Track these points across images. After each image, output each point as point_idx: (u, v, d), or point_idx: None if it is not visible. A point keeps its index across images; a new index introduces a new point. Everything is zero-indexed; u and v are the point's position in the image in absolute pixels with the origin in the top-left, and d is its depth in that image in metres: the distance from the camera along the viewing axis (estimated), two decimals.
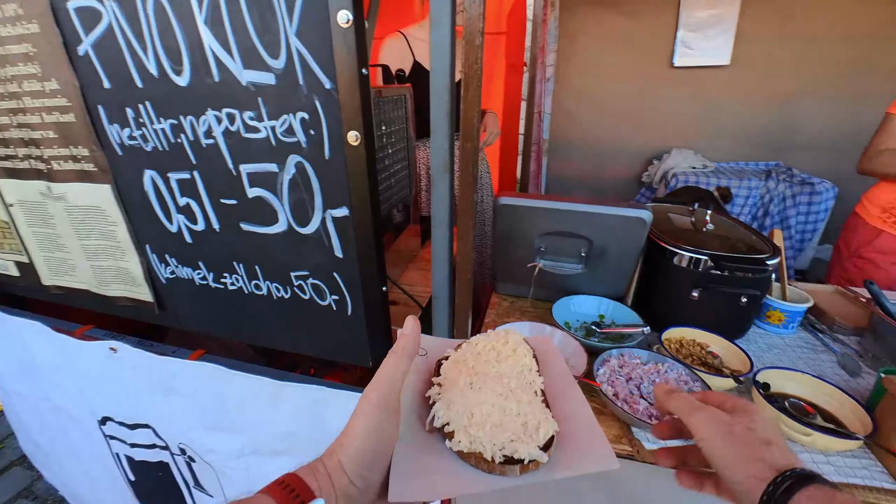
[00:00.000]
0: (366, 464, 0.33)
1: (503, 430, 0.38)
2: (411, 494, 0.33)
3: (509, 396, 0.41)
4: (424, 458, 0.37)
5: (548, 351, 0.48)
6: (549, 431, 0.38)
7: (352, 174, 0.71)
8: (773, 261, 0.92)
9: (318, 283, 0.83)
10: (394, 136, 1.12)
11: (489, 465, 0.36)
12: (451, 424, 0.39)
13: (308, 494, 0.29)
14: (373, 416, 0.34)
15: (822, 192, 1.96)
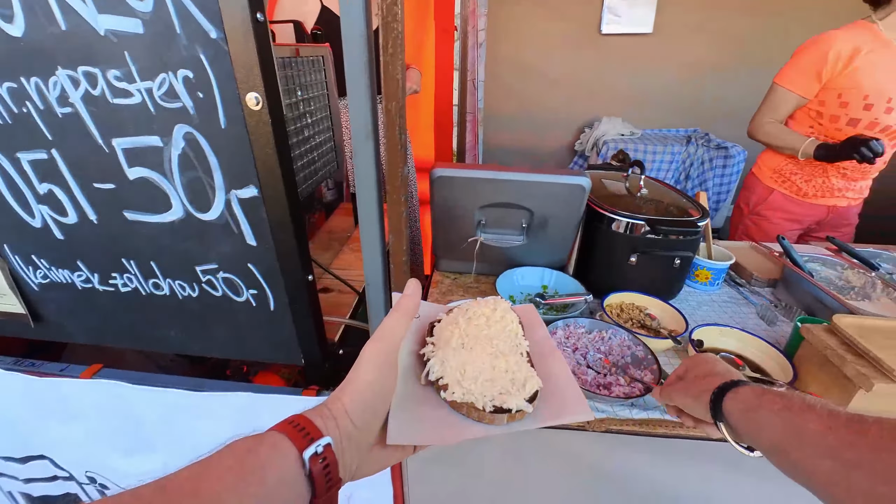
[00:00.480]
0: (367, 410, 0.35)
1: (493, 385, 0.42)
2: (407, 438, 0.37)
3: (498, 356, 0.45)
4: (420, 407, 0.41)
5: (531, 318, 0.54)
6: (534, 386, 0.43)
7: (257, 146, 0.60)
8: (704, 222, 0.94)
9: (231, 276, 0.71)
10: (313, 102, 0.99)
11: (480, 414, 0.40)
12: (445, 378, 0.42)
13: (317, 433, 0.31)
14: (375, 367, 0.37)
15: (734, 155, 2.11)
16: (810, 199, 1.48)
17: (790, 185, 1.49)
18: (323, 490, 0.31)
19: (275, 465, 0.29)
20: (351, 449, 0.34)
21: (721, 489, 0.79)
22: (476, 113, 2.05)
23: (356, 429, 0.34)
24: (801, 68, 1.35)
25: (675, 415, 0.58)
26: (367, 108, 0.53)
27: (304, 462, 0.30)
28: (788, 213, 1.52)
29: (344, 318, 0.91)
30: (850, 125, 1.34)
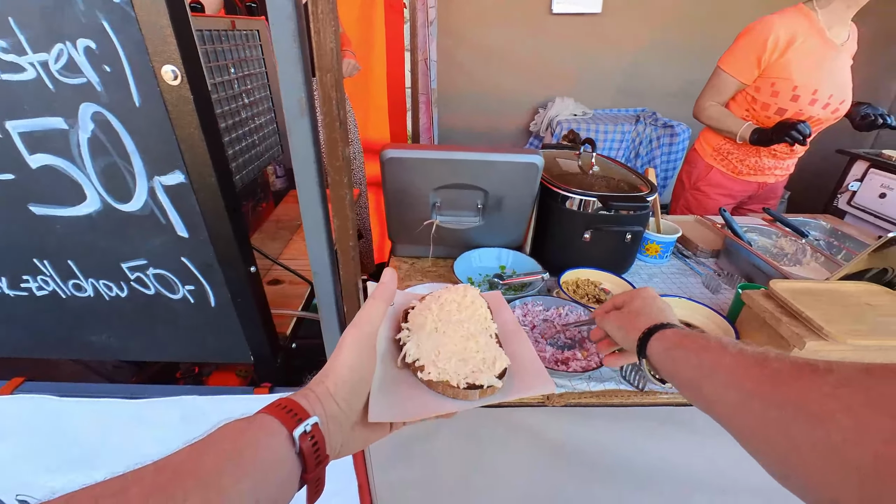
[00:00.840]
0: (350, 391, 0.37)
1: (466, 364, 0.45)
2: (388, 416, 0.40)
3: (469, 338, 0.48)
4: (398, 388, 0.44)
5: (498, 303, 0.58)
6: (503, 364, 0.47)
7: (179, 126, 0.54)
8: (652, 197, 0.96)
9: (163, 272, 0.66)
10: (250, 81, 0.92)
11: (454, 391, 0.43)
12: (421, 360, 0.45)
13: (304, 413, 0.33)
14: (355, 351, 0.39)
15: (679, 133, 2.20)
16: (744, 177, 1.57)
17: (727, 163, 1.56)
18: (313, 466, 0.32)
19: (267, 444, 0.31)
20: (336, 428, 0.36)
21: (676, 449, 0.83)
22: (430, 94, 2.00)
23: (340, 409, 0.36)
24: (742, 53, 1.39)
25: (596, 339, 0.66)
26: (300, 82, 0.48)
27: (294, 440, 0.32)
28: (725, 189, 1.60)
29: (296, 310, 0.86)
30: (777, 114, 1.41)
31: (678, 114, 2.42)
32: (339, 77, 0.48)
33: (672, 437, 0.81)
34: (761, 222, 1.27)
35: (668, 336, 0.48)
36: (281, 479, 0.31)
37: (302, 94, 0.50)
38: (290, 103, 0.50)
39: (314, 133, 0.52)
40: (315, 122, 0.52)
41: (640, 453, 0.83)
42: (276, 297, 0.90)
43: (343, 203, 0.54)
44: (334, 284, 0.60)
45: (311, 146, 0.51)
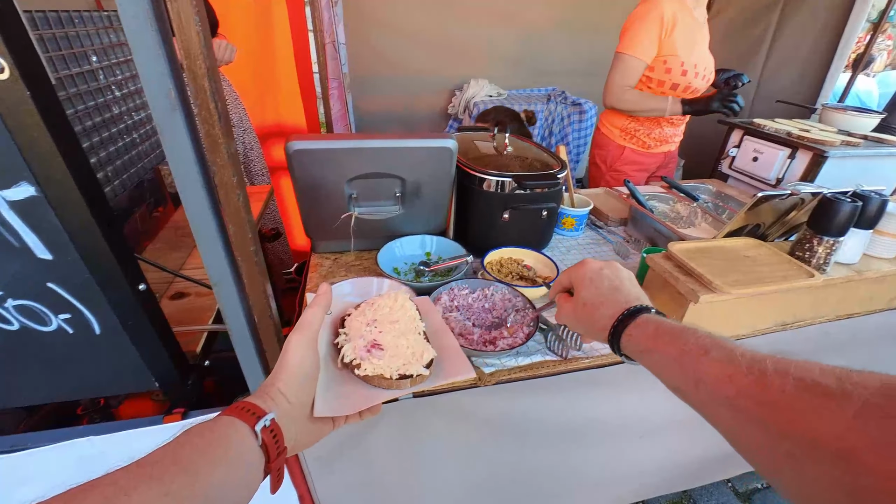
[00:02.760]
0: (298, 388, 0.42)
1: (398, 358, 0.52)
2: (330, 410, 0.44)
3: (401, 336, 0.55)
4: (339, 385, 0.49)
5: (427, 307, 0.66)
6: (429, 356, 0.54)
7: (16, 129, 0.45)
8: (563, 174, 1.00)
9: (27, 303, 0.56)
10: (120, 71, 0.80)
11: (388, 382, 0.50)
12: (357, 359, 0.51)
13: (261, 411, 0.37)
14: (300, 353, 0.43)
15: (587, 110, 2.32)
16: (653, 150, 1.70)
17: (637, 140, 1.68)
18: (275, 456, 0.37)
19: (233, 438, 0.35)
20: (289, 423, 0.40)
21: (602, 405, 0.89)
22: (341, 78, 1.91)
23: (291, 405, 0.41)
24: (644, 34, 1.45)
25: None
26: (164, 72, 0.42)
27: (257, 434, 0.36)
28: (639, 165, 1.73)
29: (206, 323, 0.79)
30: (672, 89, 1.53)
31: (585, 91, 2.56)
32: (211, 64, 0.43)
33: (597, 395, 0.87)
34: (660, 190, 1.39)
35: (637, 337, 0.44)
36: (249, 469, 0.35)
37: (170, 86, 0.44)
38: (157, 98, 0.44)
39: (192, 130, 0.46)
40: (192, 116, 0.46)
41: (572, 415, 0.89)
42: (182, 312, 0.82)
43: (236, 206, 0.49)
44: (239, 294, 0.55)
45: (190, 144, 0.46)
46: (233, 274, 0.53)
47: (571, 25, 2.69)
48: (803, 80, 2.33)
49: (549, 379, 0.80)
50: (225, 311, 0.56)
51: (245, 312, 0.57)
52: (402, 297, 0.61)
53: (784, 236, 1.08)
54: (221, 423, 0.35)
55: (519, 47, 2.71)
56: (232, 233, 0.50)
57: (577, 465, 1.01)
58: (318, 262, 1.02)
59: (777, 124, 1.56)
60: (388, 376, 0.50)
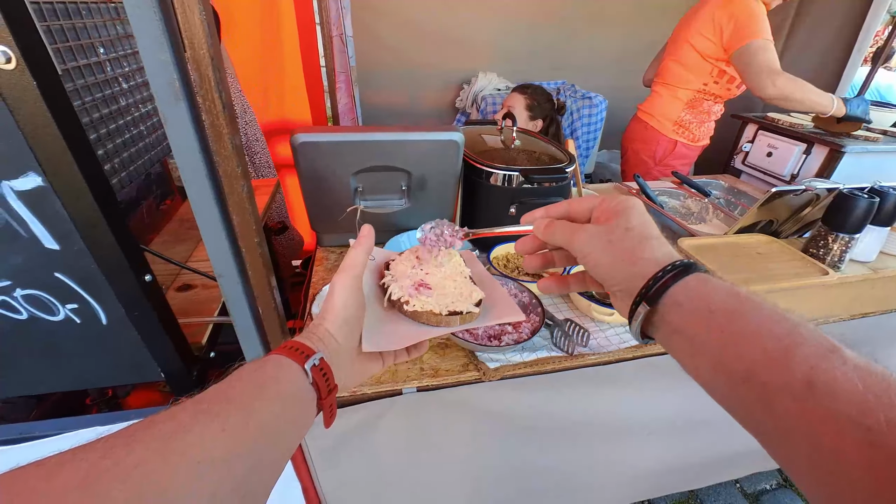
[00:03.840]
0: (346, 327, 0.41)
1: (445, 296, 0.50)
2: (379, 345, 0.44)
3: (447, 277, 0.53)
4: (385, 322, 0.48)
5: (470, 258, 0.62)
6: (478, 296, 0.52)
7: (25, 120, 0.45)
8: (571, 168, 0.99)
9: (35, 293, 0.56)
10: (127, 62, 0.80)
11: (437, 318, 0.48)
12: (405, 296, 0.49)
13: (310, 350, 0.37)
14: (345, 293, 0.42)
15: (597, 104, 2.29)
16: (698, 143, 1.67)
17: (688, 134, 1.63)
18: (325, 393, 0.37)
19: (284, 377, 0.35)
20: (338, 362, 0.40)
21: (606, 402, 0.88)
22: (349, 72, 1.90)
23: (339, 345, 0.40)
24: (763, 17, 1.35)
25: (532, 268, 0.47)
26: (168, 61, 0.42)
27: (307, 372, 0.36)
28: (687, 159, 1.70)
29: (211, 315, 0.79)
30: (738, 87, 1.49)
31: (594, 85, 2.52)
32: (215, 54, 0.42)
33: (603, 392, 0.86)
34: (671, 185, 1.37)
35: (680, 305, 0.32)
36: (302, 404, 0.35)
37: (174, 76, 0.44)
38: (161, 88, 0.43)
39: (196, 120, 0.46)
40: (196, 107, 0.46)
41: (577, 411, 0.88)
42: (188, 303, 0.82)
43: (240, 197, 0.49)
44: (243, 285, 0.55)
45: (194, 135, 0.45)
46: (237, 265, 0.53)
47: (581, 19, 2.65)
48: (821, 73, 2.27)
49: (554, 375, 0.79)
50: (229, 302, 0.56)
51: (249, 304, 0.57)
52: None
53: (798, 233, 1.06)
54: (271, 362, 0.35)
55: (528, 41, 2.68)
56: (236, 223, 0.50)
57: (583, 461, 1.00)
58: (324, 256, 1.02)
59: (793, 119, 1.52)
60: (438, 311, 0.48)
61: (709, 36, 1.42)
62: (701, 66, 1.50)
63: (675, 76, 1.59)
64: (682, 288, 0.32)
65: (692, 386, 0.32)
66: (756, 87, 1.36)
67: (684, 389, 0.90)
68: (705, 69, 1.50)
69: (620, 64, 2.75)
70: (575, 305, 0.90)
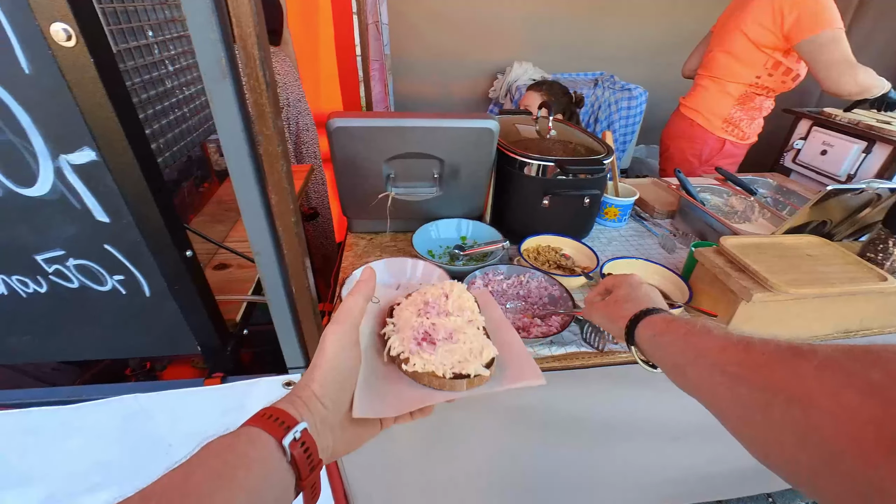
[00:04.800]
0: (336, 390, 0.37)
1: (452, 354, 0.44)
2: (372, 411, 0.38)
3: (457, 330, 0.47)
4: (383, 383, 0.43)
5: (486, 300, 0.57)
6: (490, 354, 0.45)
7: (81, 95, 0.47)
8: (609, 159, 0.96)
9: (86, 263, 0.59)
10: (174, 46, 0.83)
11: (440, 382, 0.42)
12: (405, 353, 0.44)
13: (291, 420, 0.32)
14: (337, 349, 0.38)
15: (637, 96, 2.21)
16: (746, 140, 1.58)
17: (738, 131, 1.54)
18: (307, 473, 0.32)
19: (257, 456, 0.30)
20: (325, 430, 0.35)
21: (634, 404, 0.86)
22: (383, 60, 1.90)
23: (327, 410, 0.36)
24: (832, 5, 1.24)
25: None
26: (217, 39, 0.43)
27: (285, 449, 0.31)
28: (734, 158, 1.60)
29: (246, 294, 0.81)
30: (794, 80, 1.39)
31: (633, 76, 2.43)
32: (261, 32, 0.43)
33: (631, 392, 0.84)
34: (713, 182, 1.30)
35: (654, 322, 0.48)
36: (275, 491, 0.30)
37: (222, 55, 0.44)
38: (208, 65, 0.44)
39: (240, 99, 0.47)
40: (241, 85, 0.47)
41: (603, 410, 0.86)
42: (224, 281, 0.85)
43: (279, 176, 0.49)
44: (279, 265, 0.56)
45: (238, 113, 0.46)
46: (274, 244, 0.54)
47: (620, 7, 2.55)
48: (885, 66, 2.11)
49: (582, 371, 0.77)
50: (265, 280, 0.57)
51: (284, 283, 0.58)
52: (460, 287, 0.54)
53: (853, 236, 0.99)
54: (243, 437, 0.31)
55: (565, 30, 2.61)
56: (274, 202, 0.51)
57: (605, 462, 0.98)
58: (354, 242, 1.03)
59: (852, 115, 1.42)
60: (441, 374, 0.42)
61: (766, 24, 1.33)
62: (754, 56, 1.41)
63: (724, 68, 1.50)
64: (643, 324, 0.50)
65: None
66: (828, 82, 1.26)
67: None
68: (759, 60, 1.40)
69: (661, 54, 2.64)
70: None
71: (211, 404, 0.70)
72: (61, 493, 0.76)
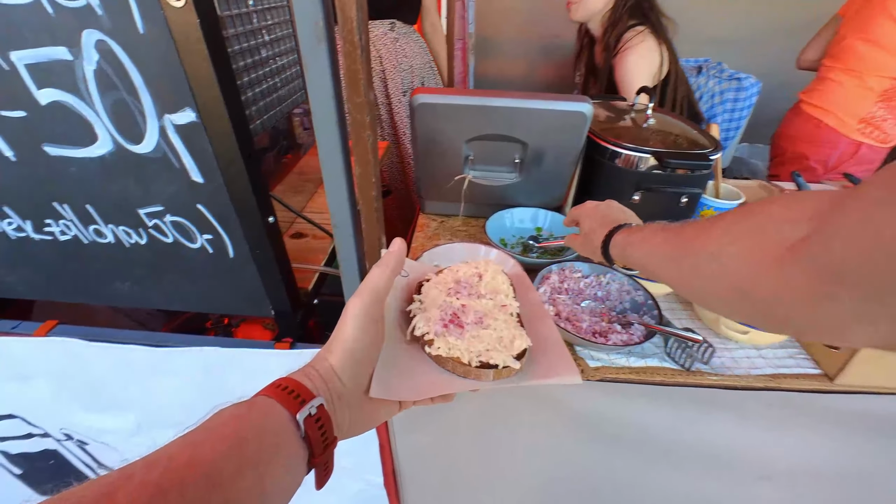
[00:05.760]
0: (355, 366, 0.35)
1: (480, 341, 0.41)
2: (390, 393, 0.36)
3: (487, 315, 0.44)
4: (404, 362, 0.41)
5: (523, 283, 0.53)
6: (522, 345, 0.42)
7: (187, 57, 0.48)
8: (716, 155, 0.84)
9: (181, 220, 0.63)
10: (271, 16, 0.84)
11: (465, 369, 0.40)
12: (430, 334, 0.42)
13: (308, 394, 0.31)
14: (359, 323, 0.36)
15: (747, 87, 1.94)
16: (888, 143, 1.34)
17: (878, 133, 1.32)
18: (320, 450, 0.30)
19: (269, 429, 0.29)
20: (342, 407, 0.34)
21: (719, 434, 0.76)
22: (466, 38, 1.84)
23: (345, 386, 0.34)
24: None
25: None
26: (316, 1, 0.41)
27: (299, 424, 0.29)
28: (871, 164, 1.36)
29: (319, 265, 0.83)
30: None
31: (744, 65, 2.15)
32: None
33: (716, 419, 0.74)
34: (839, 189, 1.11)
35: (619, 240, 0.56)
36: (286, 466, 0.29)
37: (319, 17, 0.43)
38: (306, 27, 0.43)
39: (333, 65, 0.45)
40: (336, 50, 0.45)
41: (679, 434, 0.77)
42: (299, 250, 0.87)
43: (365, 147, 0.48)
44: (355, 238, 0.55)
45: (330, 79, 0.45)
46: (352, 218, 0.53)
47: None
48: None
49: (661, 388, 0.70)
50: (340, 253, 0.57)
51: (358, 258, 0.57)
52: (493, 267, 0.51)
53: None
54: (257, 407, 0.29)
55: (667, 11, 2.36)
56: (357, 174, 0.49)
57: (672, 491, 0.89)
58: (425, 223, 1.01)
59: None
60: (466, 361, 0.40)
61: None
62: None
63: (863, 60, 1.26)
64: (618, 236, 0.57)
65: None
66: None
67: (818, 436, 0.74)
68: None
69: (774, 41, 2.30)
70: (698, 315, 0.78)
71: (278, 366, 0.72)
72: (148, 424, 0.83)
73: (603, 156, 0.86)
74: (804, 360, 0.72)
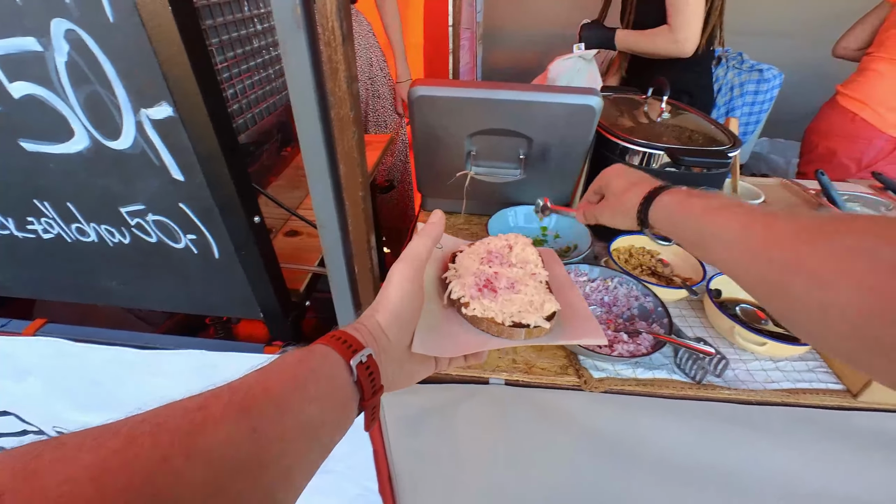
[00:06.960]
0: (399, 324, 0.38)
1: (512, 304, 0.44)
2: (430, 349, 0.40)
3: (518, 281, 0.46)
4: (443, 323, 0.44)
5: (551, 257, 0.56)
6: (551, 308, 0.44)
7: (161, 46, 0.45)
8: (735, 152, 0.79)
9: (163, 219, 0.60)
10: (262, 3, 0.81)
11: (499, 328, 0.43)
12: (466, 297, 0.44)
13: (359, 345, 0.34)
14: (403, 286, 0.39)
15: (769, 79, 1.85)
16: None
17: None
18: (370, 394, 0.34)
19: (326, 372, 0.32)
20: (387, 360, 0.37)
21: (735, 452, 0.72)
22: (474, 28, 1.78)
23: (390, 342, 0.37)
24: None
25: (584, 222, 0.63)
26: None
27: (352, 370, 0.33)
28: None
29: (314, 263, 0.80)
30: None
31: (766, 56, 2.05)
32: None
33: (731, 436, 0.70)
34: (866, 190, 1.05)
35: (667, 203, 0.48)
36: (342, 403, 0.32)
37: (297, 2, 0.39)
38: (283, 13, 0.39)
39: (314, 55, 0.41)
40: (315, 39, 0.41)
41: (690, 451, 0.73)
42: (293, 249, 0.84)
43: (350, 144, 0.44)
44: (342, 238, 0.52)
45: (310, 68, 0.41)
46: (339, 217, 0.50)
47: None
48: None
49: (670, 401, 0.65)
50: (327, 255, 0.54)
51: (346, 260, 0.54)
52: (524, 240, 0.54)
53: None
54: (315, 353, 0.33)
55: None
56: (343, 173, 0.46)
57: None
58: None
59: None
60: (500, 321, 0.43)
61: None
62: None
63: None
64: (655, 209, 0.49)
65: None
66: None
67: (843, 457, 0.69)
68: None
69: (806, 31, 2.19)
70: (711, 324, 0.73)
71: None
72: None
73: (613, 152, 0.81)
74: (825, 374, 0.67)
